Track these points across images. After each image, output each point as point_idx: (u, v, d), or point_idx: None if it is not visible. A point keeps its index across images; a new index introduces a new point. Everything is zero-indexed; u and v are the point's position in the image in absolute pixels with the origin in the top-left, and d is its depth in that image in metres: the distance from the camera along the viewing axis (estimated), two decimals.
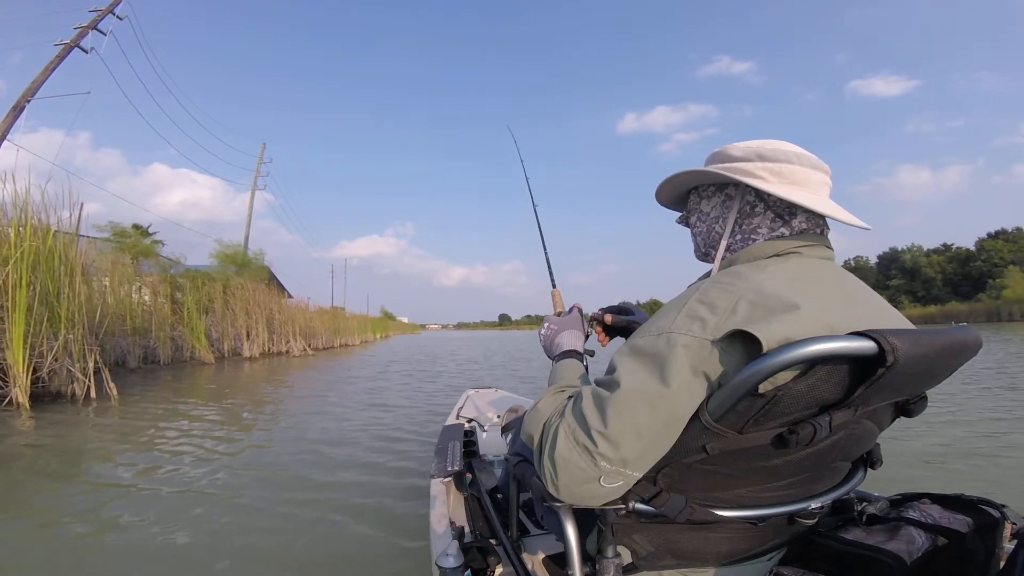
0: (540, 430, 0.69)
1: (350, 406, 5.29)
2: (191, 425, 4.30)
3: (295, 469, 2.94)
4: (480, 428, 2.03)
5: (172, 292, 10.31)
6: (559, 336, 0.95)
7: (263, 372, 9.29)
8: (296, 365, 10.78)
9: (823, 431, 0.58)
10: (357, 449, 3.41)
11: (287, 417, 4.75)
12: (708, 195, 0.84)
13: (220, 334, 11.57)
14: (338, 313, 21.59)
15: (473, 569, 0.89)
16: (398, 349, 18.46)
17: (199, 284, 11.07)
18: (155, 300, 9.65)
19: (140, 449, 3.45)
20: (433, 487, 1.43)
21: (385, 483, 2.66)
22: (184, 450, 3.39)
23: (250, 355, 12.29)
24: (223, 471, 2.90)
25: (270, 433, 4.06)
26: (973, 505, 0.67)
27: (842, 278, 0.72)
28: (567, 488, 0.63)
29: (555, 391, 0.77)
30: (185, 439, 3.73)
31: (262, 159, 23.73)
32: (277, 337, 13.75)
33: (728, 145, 0.79)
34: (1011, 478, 2.56)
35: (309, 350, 14.77)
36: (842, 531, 0.70)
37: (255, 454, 3.33)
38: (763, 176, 0.73)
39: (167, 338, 9.50)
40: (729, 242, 0.79)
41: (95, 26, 13.24)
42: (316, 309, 17.61)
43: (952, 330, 0.64)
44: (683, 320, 0.60)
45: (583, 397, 0.64)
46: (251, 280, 13.16)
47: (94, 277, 7.53)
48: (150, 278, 9.97)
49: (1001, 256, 53.99)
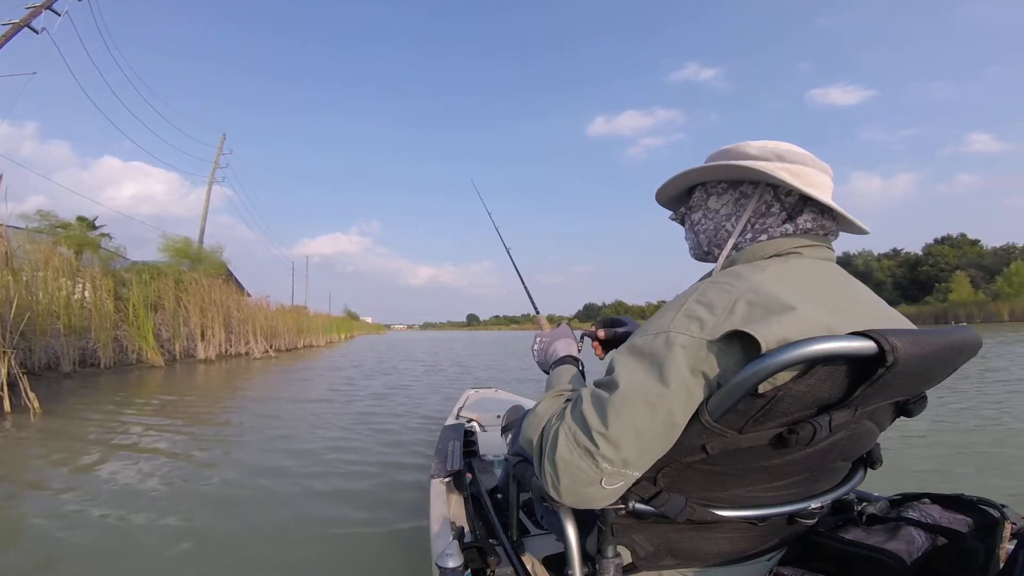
0: (539, 433, 0.69)
1: (335, 409, 5.01)
2: (133, 437, 3.69)
3: (290, 469, 2.89)
4: (480, 428, 2.03)
5: (116, 288, 9.28)
6: (552, 346, 0.97)
7: (221, 376, 8.61)
8: (258, 368, 10.05)
9: (823, 431, 0.58)
10: (355, 449, 3.36)
11: (266, 420, 4.40)
12: (719, 192, 0.81)
13: (171, 334, 10.64)
14: (301, 312, 20.46)
15: (473, 569, 0.90)
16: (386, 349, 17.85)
17: (146, 279, 10.03)
18: (95, 296, 8.61)
19: (57, 476, 2.79)
20: (433, 487, 1.41)
21: (385, 483, 2.65)
22: (121, 471, 2.82)
23: (205, 357, 11.43)
24: (187, 481, 2.65)
25: (244, 436, 3.75)
26: (973, 505, 0.67)
27: (841, 279, 0.72)
28: (569, 490, 0.63)
29: (553, 395, 0.77)
30: (124, 457, 3.14)
31: (221, 150, 22.56)
32: (236, 337, 12.79)
33: (741, 143, 0.78)
34: (1011, 478, 2.59)
35: (271, 352, 13.82)
36: (842, 531, 0.71)
37: (229, 455, 3.11)
38: (783, 176, 0.72)
39: (109, 338, 8.53)
40: (737, 241, 0.78)
41: (50, 5, 12.02)
42: (278, 307, 16.56)
43: (952, 330, 0.64)
44: (681, 320, 0.61)
45: (583, 399, 0.64)
46: (207, 276, 12.17)
47: (23, 269, 6.67)
48: (89, 270, 8.92)
49: (947, 261, 57.64)
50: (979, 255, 58.70)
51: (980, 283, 49.37)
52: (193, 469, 2.92)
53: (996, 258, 55.40)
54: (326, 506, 2.32)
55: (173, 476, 2.76)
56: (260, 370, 9.65)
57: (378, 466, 2.96)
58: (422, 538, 1.79)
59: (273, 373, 9.12)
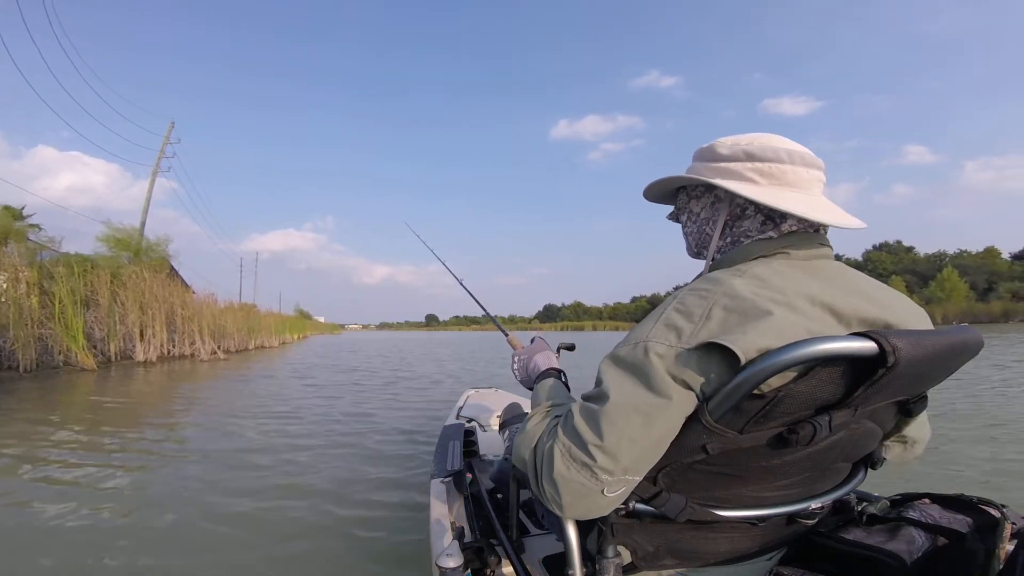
0: (532, 453, 0.68)
1: (326, 407, 4.81)
2: (51, 466, 3.00)
3: (286, 469, 2.87)
4: (480, 428, 2.01)
5: (41, 281, 8.29)
6: (532, 361, 0.98)
7: (164, 380, 7.83)
8: (206, 372, 9.26)
9: (823, 431, 0.59)
10: (354, 450, 3.31)
11: (232, 429, 4.01)
12: (697, 195, 0.81)
13: (105, 333, 9.59)
14: (251, 311, 19.29)
15: (473, 569, 0.91)
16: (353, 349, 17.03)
17: (77, 271, 9.03)
18: (14, 290, 7.63)
19: None
20: (433, 487, 1.39)
21: (384, 483, 2.64)
22: (37, 511, 2.24)
23: (145, 359, 10.51)
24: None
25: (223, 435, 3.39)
26: (973, 505, 0.68)
27: (837, 274, 0.69)
28: (571, 506, 0.63)
29: (542, 412, 0.76)
30: (38, 491, 2.53)
31: (169, 138, 20.99)
32: (180, 337, 11.79)
33: (716, 141, 0.76)
34: (1011, 478, 2.60)
35: (220, 353, 12.85)
36: (842, 531, 0.72)
37: (182, 471, 2.81)
38: (752, 178, 0.71)
39: (31, 338, 7.57)
40: (720, 244, 0.77)
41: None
42: (227, 305, 15.50)
43: (953, 330, 0.64)
44: (660, 330, 0.61)
45: (573, 414, 0.64)
46: (148, 270, 11.15)
47: None
48: (9, 259, 7.92)
49: (884, 267, 61.48)
50: (914, 261, 63.14)
51: (915, 288, 52.85)
52: (142, 498, 2.43)
53: (929, 264, 59.50)
54: (326, 507, 2.31)
55: (109, 513, 2.24)
56: (208, 373, 8.91)
57: (377, 466, 2.93)
58: (422, 538, 1.77)
59: (225, 377, 8.42)
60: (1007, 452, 3.08)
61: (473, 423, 2.06)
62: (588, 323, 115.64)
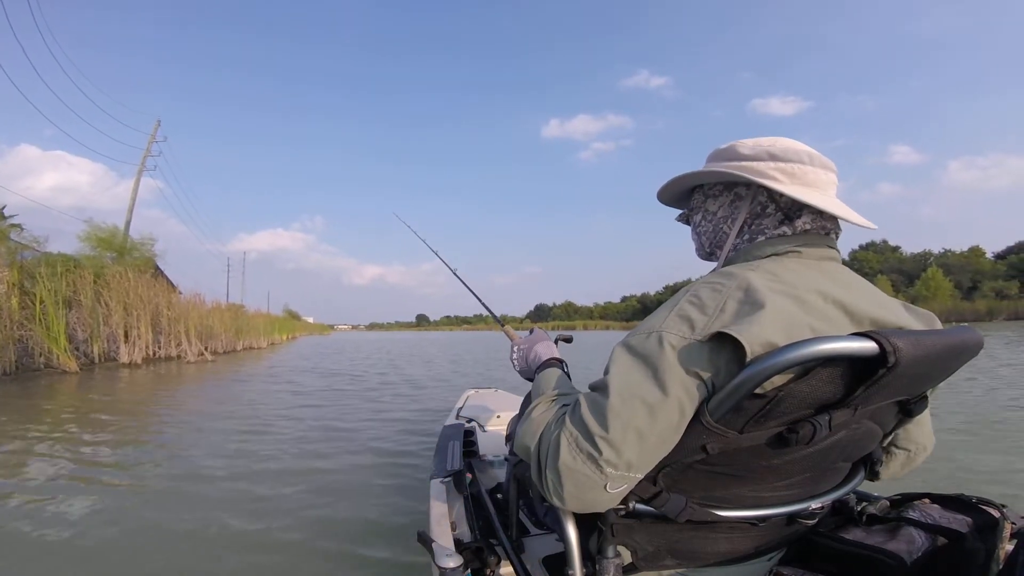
0: (537, 440, 0.67)
1: (323, 409, 4.74)
2: (31, 475, 2.83)
3: (283, 470, 2.85)
4: (480, 428, 2.03)
5: (22, 281, 8.09)
6: (533, 351, 0.98)
7: (150, 382, 7.64)
8: (193, 374, 9.05)
9: (823, 430, 0.59)
10: (353, 450, 3.29)
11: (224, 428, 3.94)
12: (715, 194, 0.82)
13: (89, 334, 9.39)
14: (239, 311, 19.02)
15: (473, 569, 0.90)
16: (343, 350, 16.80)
17: (59, 271, 8.83)
18: None
19: None
20: (433, 487, 1.37)
21: (384, 483, 2.64)
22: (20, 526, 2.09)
23: (130, 361, 10.27)
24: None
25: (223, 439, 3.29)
26: (973, 505, 0.68)
27: (843, 277, 0.70)
28: (573, 497, 0.62)
29: (547, 400, 0.75)
30: (17, 512, 2.30)
31: (155, 137, 20.64)
32: (166, 339, 11.58)
33: (735, 142, 0.77)
34: (1011, 478, 2.60)
35: (208, 354, 12.63)
36: (842, 531, 0.72)
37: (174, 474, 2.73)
38: (776, 176, 0.72)
39: (10, 339, 7.38)
40: (736, 242, 0.78)
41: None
42: (214, 305, 15.27)
43: (953, 330, 0.64)
44: (673, 320, 0.61)
45: (581, 403, 0.63)
46: (133, 269, 10.95)
47: None
48: None
49: (871, 266, 62.10)
50: (899, 260, 63.98)
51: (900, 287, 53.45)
52: (133, 511, 2.28)
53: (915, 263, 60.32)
54: (325, 507, 2.31)
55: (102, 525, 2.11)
56: (195, 375, 8.74)
57: (376, 466, 2.93)
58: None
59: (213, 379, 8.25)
60: (1007, 451, 3.08)
61: (473, 423, 2.07)
62: (579, 322, 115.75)
